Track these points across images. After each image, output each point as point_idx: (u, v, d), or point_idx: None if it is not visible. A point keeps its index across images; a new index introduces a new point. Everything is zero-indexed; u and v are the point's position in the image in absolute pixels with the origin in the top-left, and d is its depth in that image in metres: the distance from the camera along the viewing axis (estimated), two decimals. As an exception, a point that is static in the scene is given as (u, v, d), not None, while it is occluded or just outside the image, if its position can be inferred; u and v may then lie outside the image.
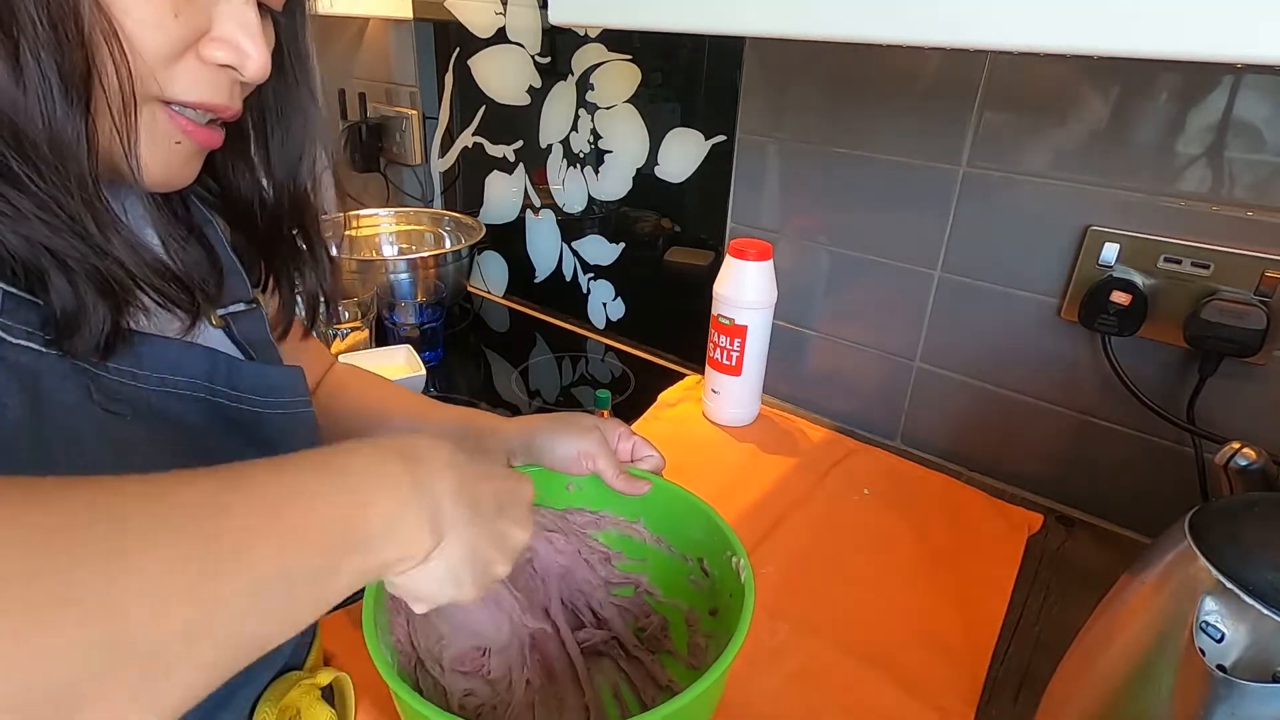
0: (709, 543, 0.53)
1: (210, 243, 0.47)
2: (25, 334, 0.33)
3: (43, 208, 0.32)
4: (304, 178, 0.49)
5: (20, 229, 0.32)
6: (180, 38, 0.35)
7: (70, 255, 0.33)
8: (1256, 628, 0.35)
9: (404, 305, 1.06)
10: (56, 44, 0.31)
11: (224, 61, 0.37)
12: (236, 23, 0.37)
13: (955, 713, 0.57)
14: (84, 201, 0.33)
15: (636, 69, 1.02)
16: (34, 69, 0.31)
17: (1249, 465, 0.49)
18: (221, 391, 0.43)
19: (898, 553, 0.73)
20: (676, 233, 1.07)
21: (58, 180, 0.32)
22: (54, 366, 0.34)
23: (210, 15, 0.36)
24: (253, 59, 0.38)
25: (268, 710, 0.45)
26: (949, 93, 0.76)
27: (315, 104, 0.48)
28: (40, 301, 0.34)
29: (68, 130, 0.32)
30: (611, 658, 0.57)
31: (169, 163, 0.39)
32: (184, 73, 0.36)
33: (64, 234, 0.33)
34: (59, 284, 0.33)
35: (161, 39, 0.35)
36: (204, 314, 0.44)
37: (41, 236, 0.33)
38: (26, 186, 0.32)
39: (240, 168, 0.48)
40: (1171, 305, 0.69)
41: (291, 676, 0.47)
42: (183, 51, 0.36)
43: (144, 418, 0.38)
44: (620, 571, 0.60)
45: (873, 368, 0.92)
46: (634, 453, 0.59)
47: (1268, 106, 0.63)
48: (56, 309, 0.33)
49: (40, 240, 0.33)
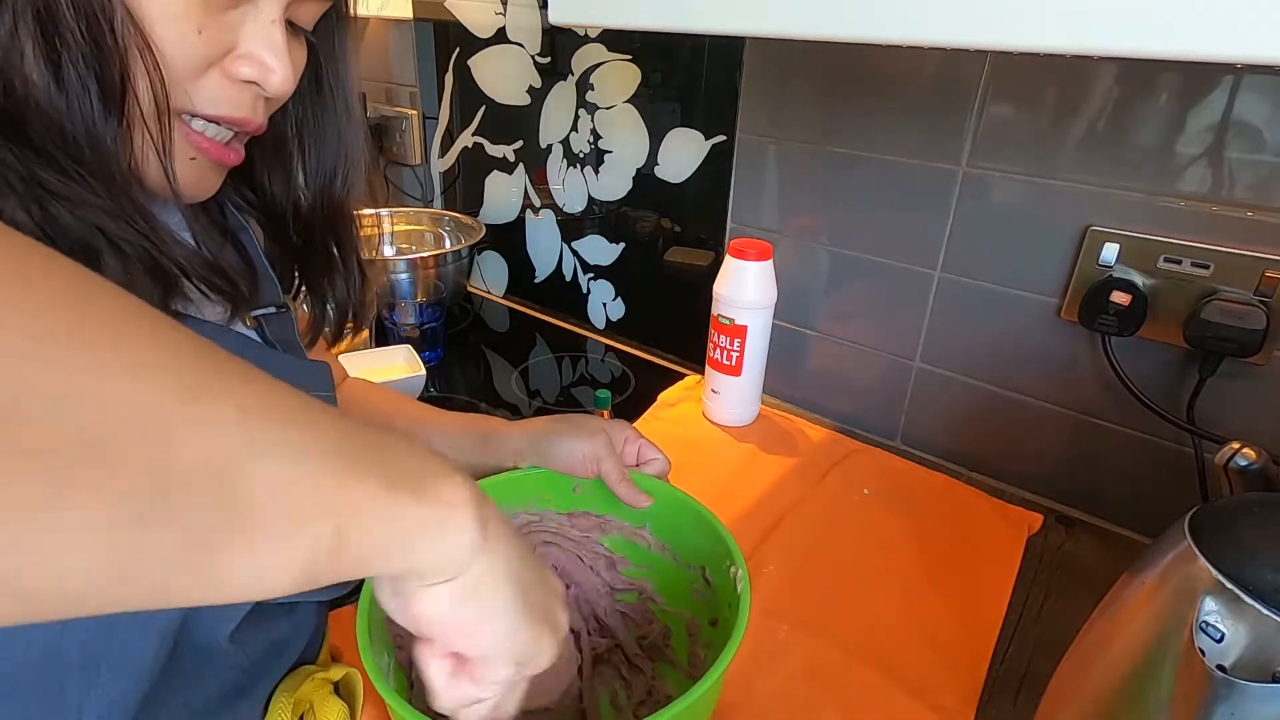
0: (712, 552, 0.53)
1: (244, 247, 0.49)
2: None
3: (96, 195, 0.34)
4: (339, 190, 0.50)
5: (78, 211, 0.34)
6: (204, 54, 0.37)
7: (125, 239, 0.35)
8: (1256, 628, 0.35)
9: (404, 305, 1.06)
10: (95, 54, 0.33)
11: (247, 77, 0.39)
12: (262, 41, 0.39)
13: (955, 713, 0.57)
14: (128, 197, 0.35)
15: (636, 69, 1.02)
16: (74, 78, 0.33)
17: (1249, 465, 0.49)
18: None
19: (898, 553, 0.73)
20: (676, 233, 1.07)
21: (104, 178, 0.34)
22: None
23: (236, 34, 0.38)
24: (276, 74, 0.39)
25: (284, 701, 0.46)
26: (949, 93, 0.76)
27: (351, 122, 0.50)
28: None
29: (106, 136, 0.34)
30: (613, 665, 0.57)
31: (185, 176, 0.40)
32: (208, 87, 0.38)
33: (118, 219, 0.35)
34: (111, 264, 0.35)
35: (187, 53, 0.36)
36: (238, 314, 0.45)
37: (98, 220, 0.34)
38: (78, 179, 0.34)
39: (276, 178, 0.49)
40: (1171, 305, 0.69)
41: (305, 670, 0.49)
42: (207, 67, 0.38)
43: None
44: (625, 577, 0.60)
45: (873, 368, 0.92)
46: (640, 456, 0.59)
47: (1268, 106, 0.63)
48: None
49: (96, 223, 0.34)
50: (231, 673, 0.44)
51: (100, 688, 0.36)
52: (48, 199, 0.33)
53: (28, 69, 0.33)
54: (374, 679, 0.40)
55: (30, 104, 0.33)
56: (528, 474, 0.57)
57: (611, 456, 0.56)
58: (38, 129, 0.33)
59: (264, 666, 0.46)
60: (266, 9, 0.39)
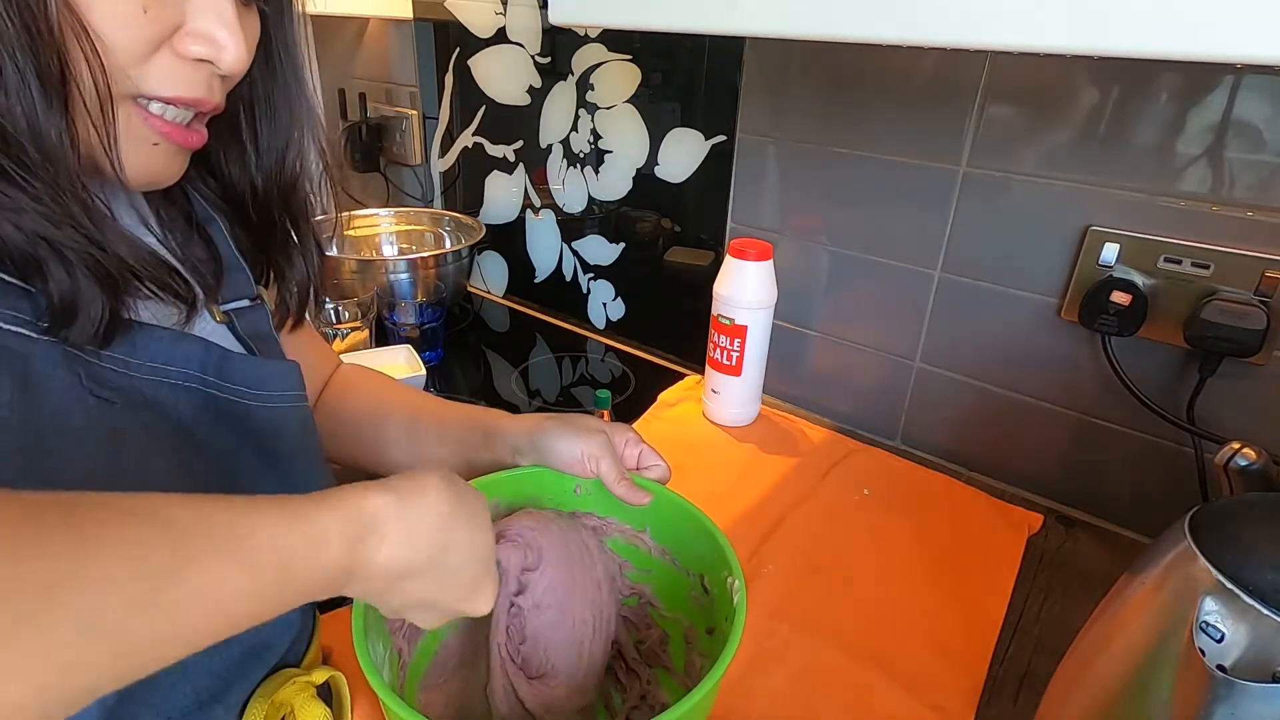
0: (710, 561, 0.52)
1: (212, 239, 0.48)
2: (15, 320, 0.33)
3: (37, 201, 0.33)
4: (291, 166, 0.49)
5: (17, 220, 0.32)
6: (152, 34, 0.35)
7: (68, 246, 0.34)
8: (1256, 628, 0.35)
9: (404, 305, 1.06)
10: (30, 45, 0.31)
11: (199, 55, 0.37)
12: (212, 15, 0.37)
13: (955, 713, 0.57)
14: (75, 198, 0.34)
15: (636, 69, 1.02)
16: (12, 71, 0.31)
17: (1249, 465, 0.49)
18: (212, 382, 0.43)
19: (898, 553, 0.73)
20: (676, 233, 1.07)
21: (47, 178, 0.33)
22: (45, 353, 0.34)
23: (184, 10, 0.36)
24: (229, 50, 0.38)
25: (259, 706, 0.45)
26: (949, 93, 0.76)
27: (303, 94, 0.48)
28: (33, 289, 0.34)
29: (50, 131, 0.32)
30: (613, 670, 0.56)
31: (151, 163, 0.39)
32: (159, 68, 0.36)
33: (61, 225, 0.33)
34: (57, 273, 0.34)
35: (132, 35, 0.34)
36: (205, 308, 0.44)
37: (39, 227, 0.33)
38: (18, 182, 0.32)
39: (231, 157, 0.48)
40: (1171, 305, 0.69)
41: (285, 674, 0.47)
42: (156, 47, 0.36)
43: (135, 406, 0.38)
44: (628, 581, 0.59)
45: (873, 368, 0.92)
46: (640, 460, 0.58)
47: (1268, 106, 0.63)
48: (55, 297, 0.34)
49: (38, 231, 0.33)
50: (206, 679, 0.42)
51: None
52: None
53: None
54: (367, 671, 0.39)
55: None
56: (527, 473, 0.57)
57: (610, 456, 0.55)
58: None
59: (240, 672, 0.45)
60: None
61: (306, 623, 0.52)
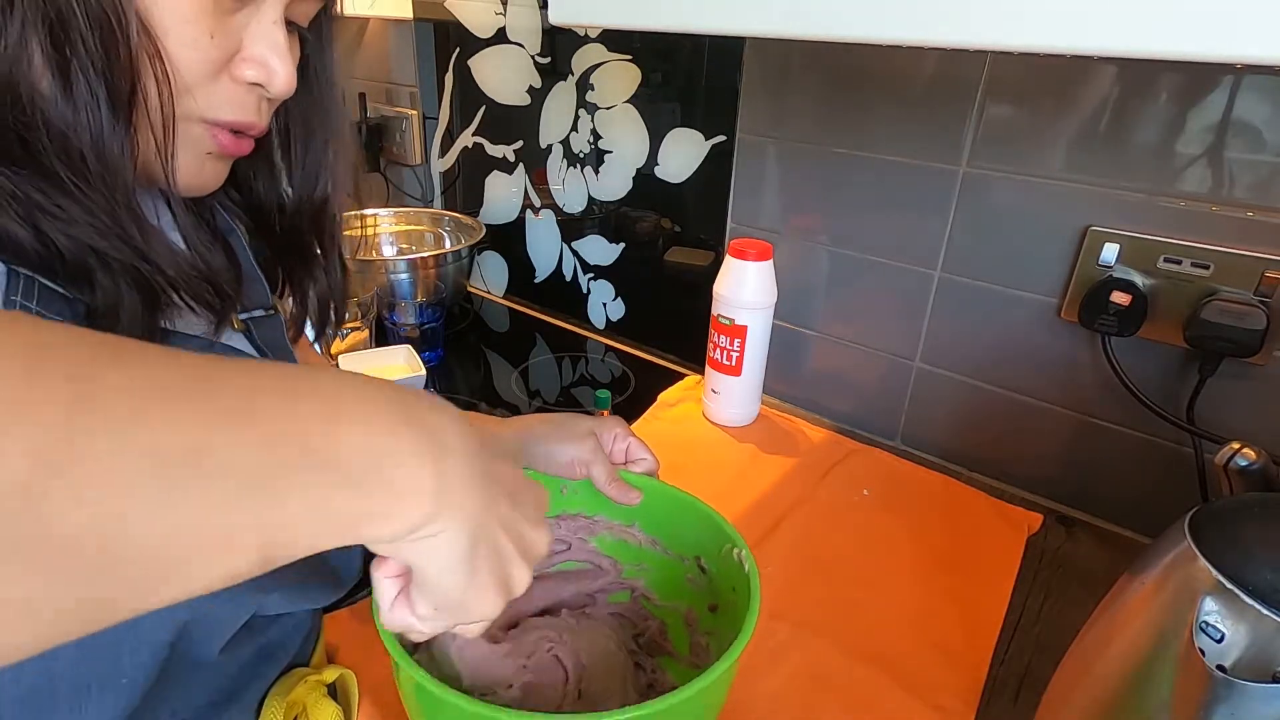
0: (705, 540, 0.53)
1: (233, 249, 0.49)
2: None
3: (90, 214, 0.34)
4: (324, 188, 0.50)
5: (69, 230, 0.33)
6: (216, 58, 0.37)
7: (114, 257, 0.35)
8: (1256, 628, 0.35)
9: (404, 305, 1.06)
10: (106, 64, 0.33)
11: (254, 80, 0.39)
12: (266, 43, 0.39)
13: (955, 713, 0.57)
14: (128, 210, 0.35)
15: (636, 69, 1.02)
16: (84, 87, 0.33)
17: (1249, 465, 0.49)
18: None
19: (897, 553, 0.73)
20: (676, 233, 1.07)
21: (104, 190, 0.34)
22: None
23: (240, 37, 0.38)
24: (280, 76, 0.39)
25: (275, 705, 0.46)
26: (949, 93, 0.76)
27: (338, 118, 0.49)
28: (70, 296, 0.35)
29: (114, 145, 0.34)
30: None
31: (201, 171, 0.41)
32: (219, 91, 0.38)
33: (110, 237, 0.35)
34: (104, 282, 0.35)
35: (199, 59, 0.36)
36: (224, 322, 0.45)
37: (89, 238, 0.34)
38: (74, 194, 0.33)
39: (262, 175, 0.49)
40: (1171, 305, 0.69)
41: (298, 673, 0.48)
42: (218, 71, 0.38)
43: None
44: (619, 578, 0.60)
45: (873, 368, 0.92)
46: (628, 454, 0.58)
47: (1268, 106, 0.63)
48: (100, 305, 0.35)
49: (88, 241, 0.34)
50: (221, 680, 0.43)
51: (90, 706, 0.35)
52: (40, 217, 0.32)
53: (35, 77, 0.32)
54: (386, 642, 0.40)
55: (35, 114, 0.32)
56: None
57: (601, 460, 0.55)
58: (41, 142, 0.32)
59: (254, 672, 0.45)
60: (268, 10, 0.38)
61: (315, 623, 0.52)
